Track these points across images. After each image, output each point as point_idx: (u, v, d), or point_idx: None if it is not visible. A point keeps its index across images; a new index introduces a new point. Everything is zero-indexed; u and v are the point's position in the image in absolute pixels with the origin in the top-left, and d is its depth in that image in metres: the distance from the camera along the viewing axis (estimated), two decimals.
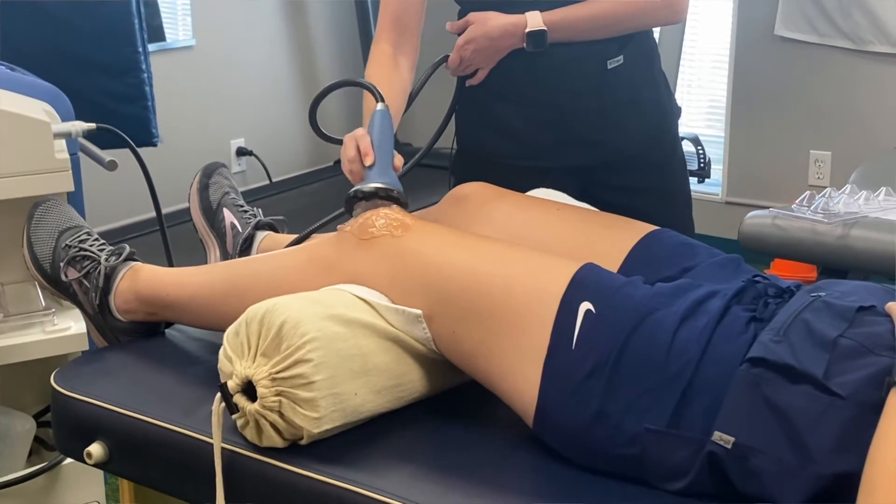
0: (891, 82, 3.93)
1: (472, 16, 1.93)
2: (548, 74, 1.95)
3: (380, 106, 1.68)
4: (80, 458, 1.53)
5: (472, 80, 1.98)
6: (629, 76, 1.99)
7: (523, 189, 1.76)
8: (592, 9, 1.91)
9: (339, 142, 1.70)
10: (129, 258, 1.70)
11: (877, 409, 1.09)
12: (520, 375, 1.32)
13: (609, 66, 1.96)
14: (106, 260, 1.68)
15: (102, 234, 1.77)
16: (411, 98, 1.93)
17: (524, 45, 1.90)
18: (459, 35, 1.95)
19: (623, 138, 2.01)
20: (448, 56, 1.96)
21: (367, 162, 1.60)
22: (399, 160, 1.65)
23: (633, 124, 2.02)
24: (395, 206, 1.54)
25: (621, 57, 1.96)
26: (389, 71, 1.87)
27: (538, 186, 1.84)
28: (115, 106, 2.95)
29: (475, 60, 1.94)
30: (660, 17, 2.02)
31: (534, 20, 1.88)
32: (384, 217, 1.48)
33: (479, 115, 2.04)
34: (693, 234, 2.08)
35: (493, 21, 1.90)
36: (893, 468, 1.03)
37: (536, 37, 1.88)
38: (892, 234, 2.48)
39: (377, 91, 1.70)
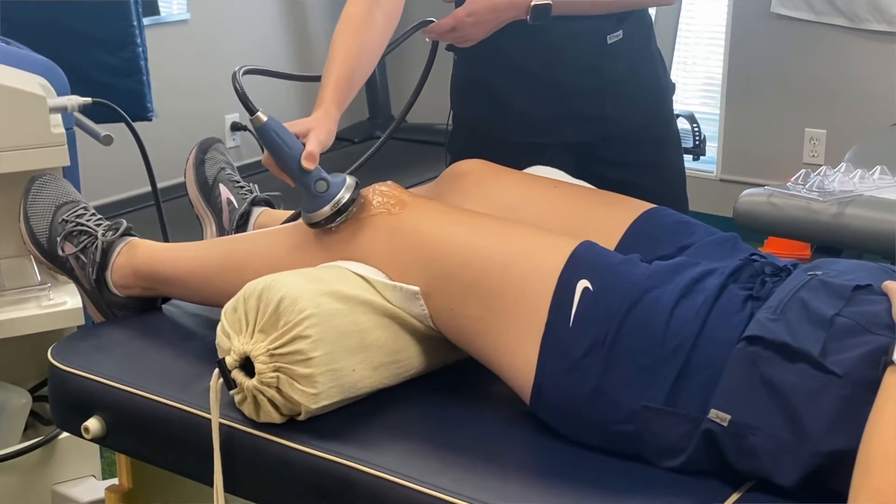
0: (887, 61, 3.92)
1: None
2: (547, 49, 1.94)
3: (252, 122, 1.52)
4: (76, 433, 1.53)
5: (460, 44, 1.93)
6: (628, 51, 1.98)
7: (521, 166, 1.76)
8: None
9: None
10: (126, 233, 1.70)
11: (873, 387, 1.10)
12: (517, 352, 1.32)
13: (609, 42, 1.95)
14: (103, 235, 1.68)
15: (98, 209, 1.77)
16: (383, 55, 1.79)
17: (526, 17, 1.88)
18: (455, 3, 1.92)
19: (621, 113, 2.01)
20: (428, 21, 1.87)
21: (292, 185, 1.52)
22: (308, 154, 1.50)
23: (631, 99, 2.02)
24: (390, 182, 1.52)
25: (620, 32, 1.96)
26: (356, 29, 1.68)
27: (537, 163, 1.84)
28: (110, 80, 2.94)
29: (473, 33, 1.89)
30: None
31: None
32: (381, 194, 1.48)
33: (477, 91, 2.03)
34: (687, 209, 2.08)
35: None
36: (889, 446, 1.04)
37: (541, 10, 1.86)
38: (887, 212, 2.49)
39: (246, 99, 1.56)
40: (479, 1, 1.86)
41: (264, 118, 1.51)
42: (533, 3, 1.86)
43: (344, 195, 1.47)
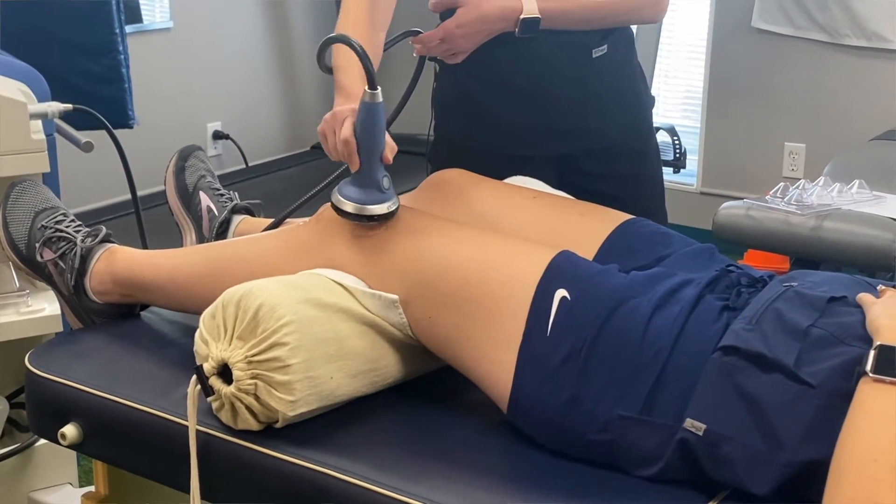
0: (866, 76, 3.95)
1: None
2: (533, 63, 1.95)
3: (370, 96, 1.45)
4: (53, 440, 1.53)
5: (449, 60, 1.95)
6: (611, 65, 2.00)
7: (503, 176, 1.77)
8: (585, 1, 1.92)
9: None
10: (106, 240, 1.70)
11: (846, 398, 1.11)
12: (495, 361, 1.33)
13: (594, 56, 1.97)
14: (82, 241, 1.68)
15: (78, 216, 1.77)
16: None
17: (515, 29, 1.89)
18: (441, 15, 1.92)
19: (604, 126, 2.02)
20: (415, 31, 1.87)
21: (352, 169, 1.48)
22: (391, 150, 1.50)
23: (614, 112, 2.03)
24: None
25: (605, 46, 1.98)
26: (369, 28, 1.69)
27: (518, 174, 1.84)
28: (91, 87, 2.93)
29: (461, 45, 1.89)
30: (645, 15, 2.05)
31: (529, 6, 1.86)
32: None
33: (460, 102, 2.04)
34: (666, 221, 2.10)
35: (487, 4, 1.86)
36: (861, 457, 1.05)
37: (529, 23, 1.87)
38: (865, 226, 2.51)
39: (370, 66, 1.45)
40: (468, 12, 1.87)
41: (380, 98, 1.46)
42: (522, 17, 1.87)
43: (397, 201, 1.48)
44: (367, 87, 1.44)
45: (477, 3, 1.87)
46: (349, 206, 1.47)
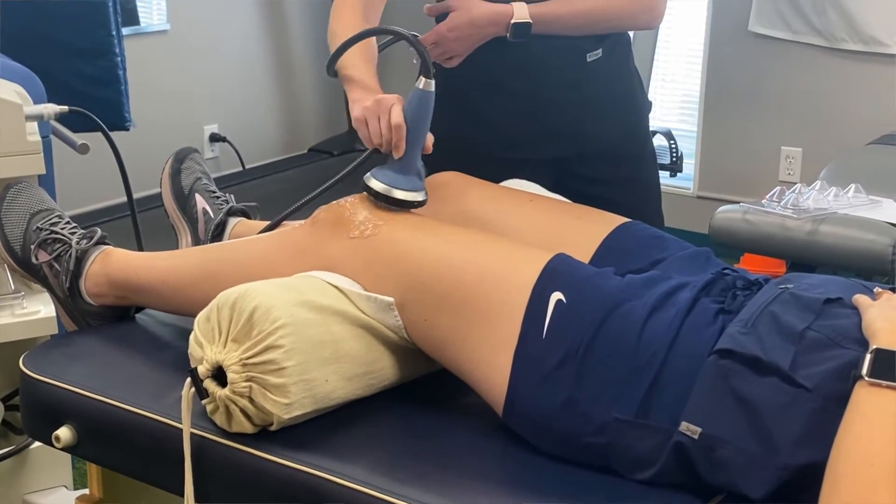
0: (862, 80, 3.96)
1: (454, 2, 1.90)
2: (528, 66, 1.95)
3: (423, 84, 1.48)
4: (48, 442, 1.52)
5: (446, 64, 1.96)
6: (607, 69, 2.00)
7: (499, 180, 1.77)
8: (577, 6, 1.92)
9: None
10: (101, 242, 1.69)
11: (842, 401, 1.10)
12: (490, 364, 1.33)
13: (588, 59, 1.97)
14: (77, 243, 1.68)
15: (74, 218, 1.76)
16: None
17: (507, 34, 1.89)
18: (436, 19, 1.93)
19: (600, 130, 2.02)
20: (412, 34, 1.91)
21: (396, 155, 1.50)
22: (430, 141, 1.54)
23: (609, 117, 2.03)
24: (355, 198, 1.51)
25: (600, 50, 1.98)
26: (364, 24, 1.73)
27: (514, 177, 1.84)
28: (87, 89, 2.93)
29: (454, 48, 1.90)
30: (640, 21, 2.06)
31: (520, 11, 1.87)
32: (364, 219, 1.47)
33: (456, 105, 2.04)
34: (662, 225, 2.10)
35: (478, 9, 1.88)
36: (857, 461, 1.05)
37: (520, 28, 1.88)
38: (861, 230, 2.51)
39: (427, 56, 1.48)
40: (459, 16, 1.88)
41: (433, 87, 1.50)
42: (513, 21, 1.87)
43: (410, 192, 1.49)
44: (422, 76, 1.48)
45: (468, 7, 1.88)
46: (399, 194, 1.48)
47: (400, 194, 1.49)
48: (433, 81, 1.49)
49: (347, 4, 1.81)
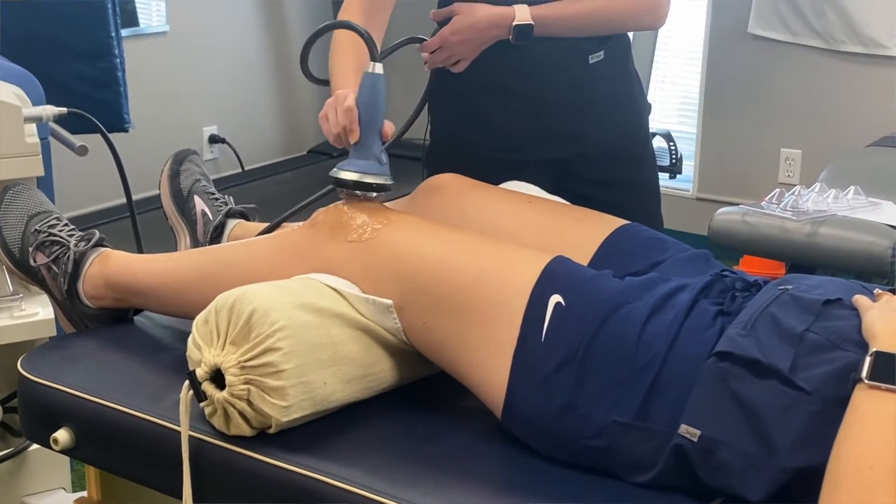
0: (862, 82, 3.96)
1: (457, 6, 1.90)
2: (530, 67, 1.95)
3: (371, 68, 1.53)
4: (46, 445, 1.52)
5: (453, 69, 1.96)
6: (608, 71, 2.00)
7: (498, 181, 1.77)
8: (579, 7, 1.92)
9: (326, 83, 1.63)
10: (99, 244, 1.69)
11: (842, 404, 1.10)
12: (489, 366, 1.32)
13: (590, 61, 1.97)
14: (75, 245, 1.67)
15: (72, 220, 1.76)
16: None
17: (509, 37, 1.89)
18: (441, 24, 1.93)
19: (600, 132, 2.02)
20: (419, 38, 1.89)
21: (352, 139, 1.52)
22: (389, 127, 1.56)
23: (610, 119, 2.03)
24: (375, 199, 1.52)
25: (602, 52, 1.98)
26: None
27: (514, 179, 1.84)
28: (86, 90, 2.93)
29: (459, 51, 1.91)
30: (643, 22, 2.06)
31: (522, 13, 1.87)
32: (363, 222, 1.47)
33: (458, 107, 2.04)
34: (661, 227, 2.10)
35: (479, 12, 1.88)
36: (857, 463, 1.04)
37: (522, 30, 1.88)
38: (861, 232, 2.50)
39: (373, 45, 1.54)
40: (461, 20, 1.89)
41: (381, 70, 1.53)
42: (514, 24, 1.87)
43: (375, 175, 1.51)
44: (372, 60, 1.51)
45: (470, 11, 1.89)
46: (348, 175, 1.49)
47: (371, 178, 1.50)
48: (380, 65, 1.52)
49: (348, 14, 1.84)
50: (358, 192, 1.51)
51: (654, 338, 1.26)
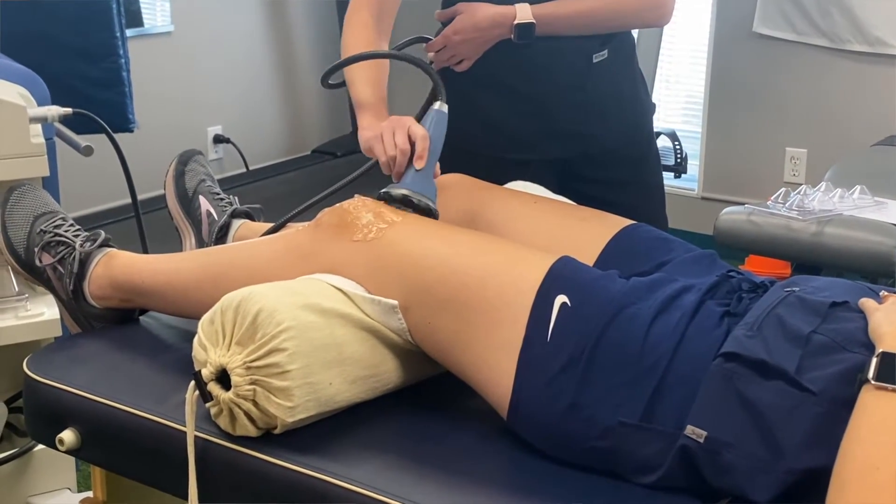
0: (867, 81, 3.95)
1: (460, 6, 1.91)
2: (533, 67, 1.95)
3: (438, 105, 1.63)
4: (51, 445, 1.52)
5: (457, 68, 1.96)
6: (612, 70, 2.00)
7: (503, 181, 1.77)
8: (580, 5, 1.92)
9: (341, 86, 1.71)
10: (105, 244, 1.69)
11: (848, 405, 1.10)
12: (494, 367, 1.32)
13: (594, 61, 1.97)
14: (81, 246, 1.67)
15: (77, 220, 1.76)
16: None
17: (511, 36, 1.89)
18: (445, 24, 1.94)
19: (604, 132, 2.02)
20: (425, 38, 1.93)
21: (419, 166, 1.56)
22: (438, 166, 1.63)
23: (613, 118, 2.03)
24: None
25: (606, 51, 1.98)
26: (376, 38, 1.81)
27: (518, 179, 1.84)
28: (91, 91, 2.93)
29: (462, 51, 1.92)
30: (647, 19, 2.05)
31: (523, 12, 1.88)
32: (368, 222, 1.46)
33: (461, 106, 2.03)
34: (666, 227, 2.09)
35: (481, 11, 1.89)
36: (864, 465, 1.04)
37: (524, 29, 1.88)
38: (866, 232, 2.50)
39: (440, 84, 1.63)
40: (464, 19, 1.90)
41: (446, 110, 1.64)
42: (516, 22, 1.87)
43: (430, 201, 1.56)
44: (439, 98, 1.63)
45: (472, 10, 1.90)
46: (430, 203, 1.54)
47: (430, 203, 1.54)
48: (446, 105, 1.62)
49: (360, 16, 1.83)
50: (408, 207, 1.54)
51: (660, 338, 1.26)
